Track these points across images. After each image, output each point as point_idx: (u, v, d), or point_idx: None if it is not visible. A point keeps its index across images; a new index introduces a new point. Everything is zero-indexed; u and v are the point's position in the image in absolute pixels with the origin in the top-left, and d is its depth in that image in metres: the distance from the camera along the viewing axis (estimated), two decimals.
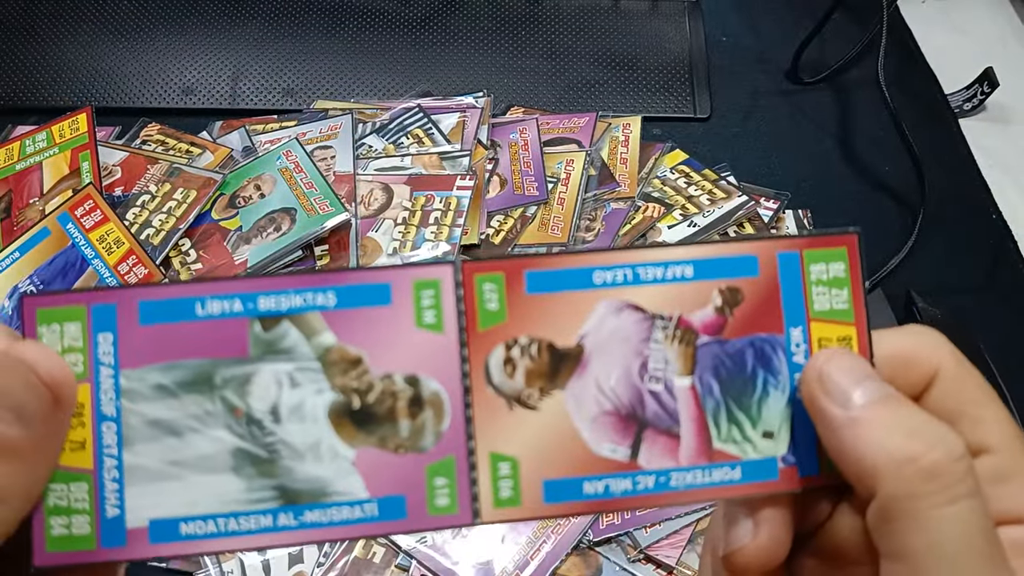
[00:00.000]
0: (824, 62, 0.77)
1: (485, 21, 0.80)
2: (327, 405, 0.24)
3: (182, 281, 0.24)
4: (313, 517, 0.23)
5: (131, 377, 0.23)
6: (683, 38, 0.78)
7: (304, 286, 0.24)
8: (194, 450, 0.23)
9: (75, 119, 0.66)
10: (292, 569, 0.50)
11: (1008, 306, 0.64)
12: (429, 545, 0.50)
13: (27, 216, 0.62)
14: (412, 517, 0.23)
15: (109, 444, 0.23)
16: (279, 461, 0.23)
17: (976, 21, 0.84)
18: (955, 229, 0.68)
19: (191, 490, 0.23)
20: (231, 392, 0.23)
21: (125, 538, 0.23)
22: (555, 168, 0.67)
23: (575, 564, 0.51)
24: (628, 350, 0.24)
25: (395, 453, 0.24)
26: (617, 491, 0.24)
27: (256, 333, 0.24)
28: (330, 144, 0.68)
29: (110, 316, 0.23)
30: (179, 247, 0.62)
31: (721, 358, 0.25)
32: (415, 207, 0.64)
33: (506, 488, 0.24)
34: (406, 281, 0.24)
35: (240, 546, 0.23)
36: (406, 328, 0.24)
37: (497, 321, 0.24)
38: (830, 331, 0.25)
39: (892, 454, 0.22)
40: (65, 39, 0.77)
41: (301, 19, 0.79)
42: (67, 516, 0.23)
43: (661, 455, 0.24)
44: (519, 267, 0.24)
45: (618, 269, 0.24)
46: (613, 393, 0.24)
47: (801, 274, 0.25)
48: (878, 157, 0.72)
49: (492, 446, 0.24)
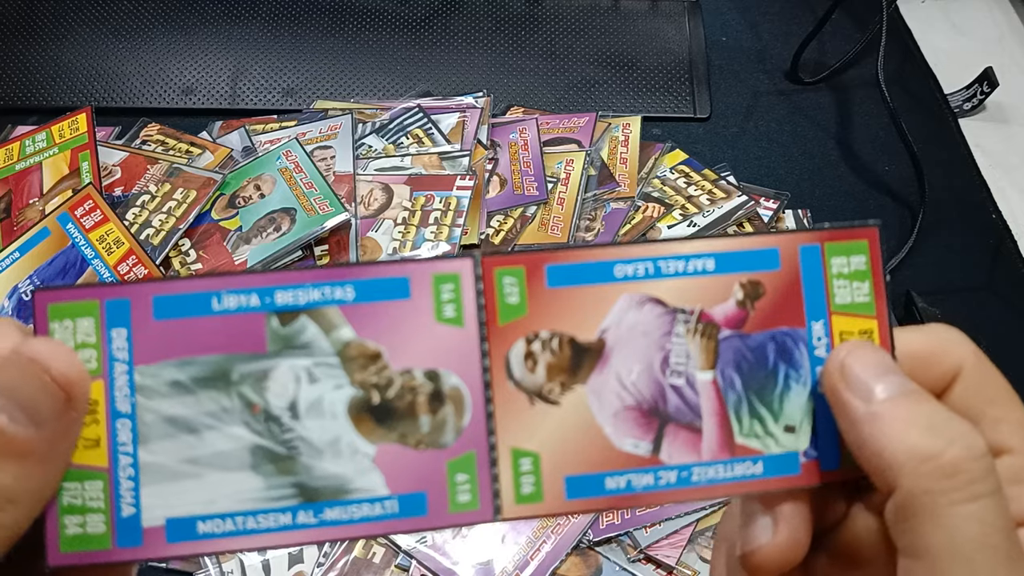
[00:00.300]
0: (824, 62, 0.77)
1: (485, 21, 0.80)
2: (346, 401, 0.23)
3: (197, 275, 0.23)
4: (333, 515, 0.23)
5: (146, 373, 0.23)
6: (683, 38, 0.78)
7: (322, 280, 0.23)
8: (211, 447, 0.23)
9: (75, 119, 0.66)
10: (292, 569, 0.50)
11: (1008, 306, 0.64)
12: (429, 545, 0.50)
13: (27, 216, 0.62)
14: (433, 514, 0.23)
15: (124, 442, 0.23)
16: (298, 458, 0.23)
17: (976, 21, 0.84)
18: (955, 229, 0.68)
19: (208, 488, 0.23)
20: (248, 388, 0.23)
21: (141, 537, 0.22)
22: (555, 168, 0.67)
23: (575, 564, 0.51)
24: (649, 344, 0.24)
25: (415, 449, 0.23)
26: (639, 486, 0.24)
27: (273, 328, 0.23)
28: (330, 144, 0.68)
29: (124, 311, 0.23)
30: (179, 247, 0.62)
31: (743, 352, 0.25)
32: (415, 207, 0.64)
33: (528, 484, 0.24)
34: (425, 275, 0.24)
35: (259, 545, 0.23)
36: (426, 322, 0.24)
37: (517, 315, 0.24)
38: (851, 324, 0.25)
39: (913, 450, 0.22)
40: (65, 39, 0.77)
41: (301, 19, 0.79)
42: (82, 515, 0.22)
43: (683, 450, 0.24)
44: (540, 261, 0.24)
45: (639, 262, 0.24)
46: (635, 387, 0.24)
47: (822, 267, 0.25)
48: (878, 157, 0.72)
49: (513, 441, 0.24)
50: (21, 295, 0.58)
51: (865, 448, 0.23)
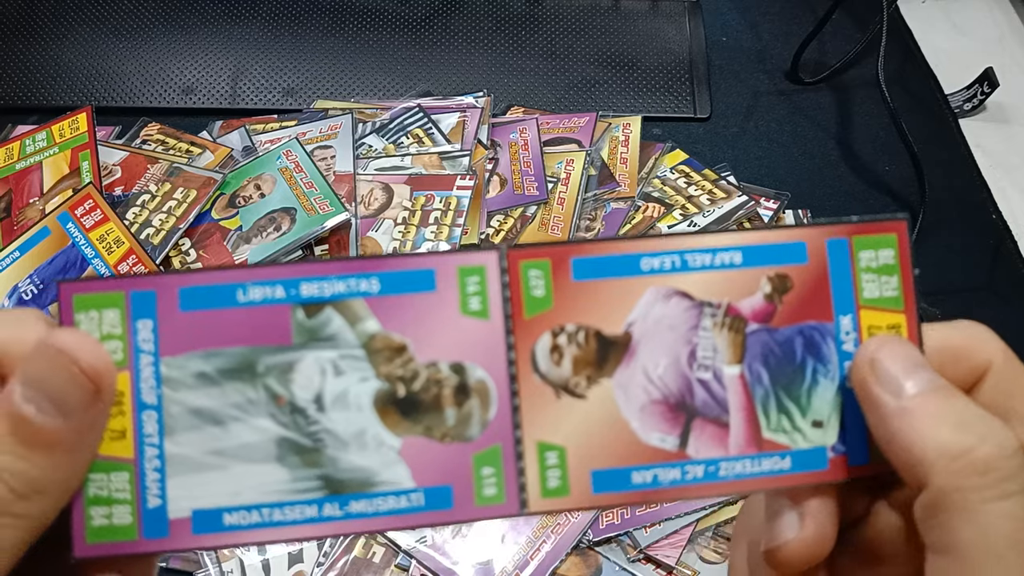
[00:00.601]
0: (824, 62, 0.77)
1: (485, 21, 0.80)
2: (372, 393, 0.23)
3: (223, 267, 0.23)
4: (359, 507, 0.23)
5: (172, 365, 0.23)
6: (683, 38, 0.78)
7: (348, 272, 0.23)
8: (237, 439, 0.23)
9: (75, 119, 0.66)
10: (292, 569, 0.50)
11: (1008, 306, 0.64)
12: (429, 545, 0.50)
13: (27, 215, 0.62)
14: (459, 507, 0.23)
15: (150, 433, 0.23)
16: (324, 450, 0.23)
17: (976, 21, 0.84)
18: (955, 229, 0.68)
19: (234, 480, 0.23)
20: (274, 380, 0.23)
21: (168, 529, 0.22)
22: (555, 168, 0.67)
23: (575, 564, 0.51)
24: (676, 338, 0.24)
25: (441, 442, 0.23)
26: (666, 481, 0.24)
27: (299, 320, 0.23)
28: (330, 144, 0.68)
29: (150, 303, 0.23)
30: (179, 247, 0.62)
31: (770, 346, 0.24)
32: (415, 207, 0.64)
33: (554, 478, 0.23)
34: (451, 267, 0.24)
35: (285, 537, 0.23)
36: (451, 315, 0.23)
37: (543, 308, 0.24)
38: (880, 319, 0.24)
39: (944, 446, 0.21)
40: (65, 39, 0.77)
41: (301, 19, 0.79)
42: (108, 506, 0.22)
43: (710, 444, 0.24)
44: (565, 253, 0.24)
45: (666, 256, 0.24)
46: (661, 382, 0.24)
47: (850, 261, 0.24)
48: (878, 157, 0.72)
49: (539, 435, 0.23)
50: (21, 294, 0.58)
51: (894, 443, 0.22)
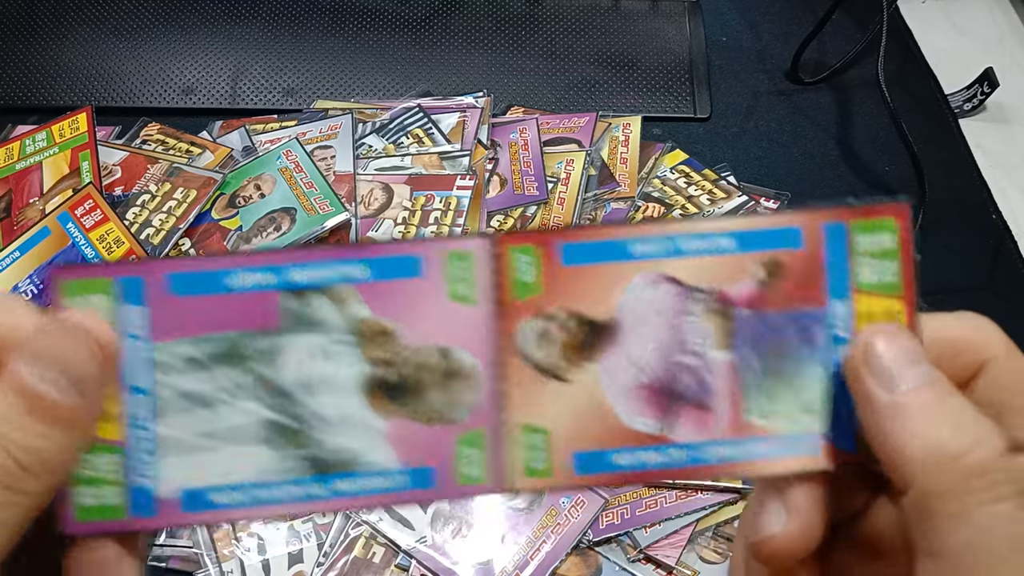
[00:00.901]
0: (824, 62, 0.77)
1: (485, 21, 0.80)
2: (360, 377, 0.24)
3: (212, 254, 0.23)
4: (343, 486, 0.23)
5: (162, 350, 0.23)
6: (683, 38, 0.78)
7: (337, 258, 0.23)
8: (226, 422, 0.23)
9: (75, 119, 0.66)
10: (292, 569, 0.50)
11: (1008, 306, 0.64)
12: (429, 545, 0.50)
13: (27, 215, 0.62)
14: (441, 486, 0.23)
15: (140, 415, 0.23)
16: (310, 432, 0.23)
17: (976, 21, 0.84)
18: (955, 229, 0.68)
19: (223, 461, 0.23)
20: (262, 364, 0.23)
21: (156, 508, 0.23)
22: (555, 168, 0.67)
23: (575, 564, 0.51)
24: (664, 323, 0.24)
25: (427, 424, 0.24)
26: (649, 463, 0.24)
27: (288, 305, 0.23)
28: (330, 144, 0.68)
29: (138, 289, 0.23)
30: (179, 247, 0.62)
31: (761, 332, 0.24)
32: (415, 207, 0.64)
33: (537, 460, 0.24)
34: (439, 253, 0.24)
35: (271, 514, 0.23)
36: (439, 300, 0.24)
37: (531, 293, 0.24)
38: (876, 304, 0.24)
39: (937, 447, 0.21)
40: (65, 39, 0.77)
41: (301, 19, 0.79)
42: (97, 487, 0.23)
43: (695, 429, 0.24)
44: (555, 238, 0.24)
45: (656, 241, 0.24)
46: (648, 366, 0.24)
47: (847, 246, 0.24)
48: (878, 157, 0.72)
49: (524, 418, 0.24)
50: (21, 294, 0.58)
51: (884, 439, 0.22)
